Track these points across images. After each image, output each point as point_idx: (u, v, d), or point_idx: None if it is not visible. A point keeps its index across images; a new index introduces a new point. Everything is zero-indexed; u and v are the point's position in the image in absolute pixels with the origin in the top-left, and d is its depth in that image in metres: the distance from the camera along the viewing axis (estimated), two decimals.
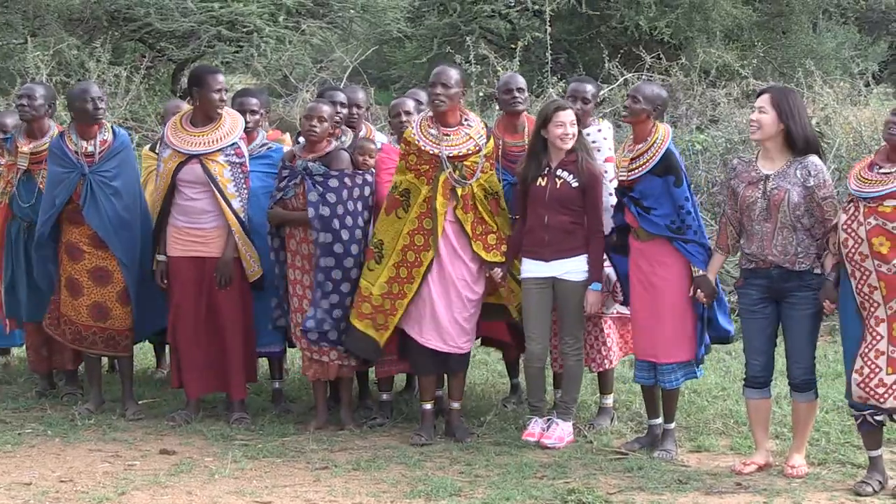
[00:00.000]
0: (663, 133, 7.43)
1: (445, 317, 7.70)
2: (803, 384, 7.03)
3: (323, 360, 7.97)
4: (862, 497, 6.60)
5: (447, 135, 7.68)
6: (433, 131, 7.71)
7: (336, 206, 7.85)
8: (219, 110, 8.05)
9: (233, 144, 8.07)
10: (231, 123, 8.12)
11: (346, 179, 7.93)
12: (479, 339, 8.62)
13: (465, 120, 7.79)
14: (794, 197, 6.83)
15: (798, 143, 6.91)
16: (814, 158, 6.91)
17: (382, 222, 7.79)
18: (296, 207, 7.93)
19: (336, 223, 7.84)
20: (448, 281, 7.70)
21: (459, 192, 7.65)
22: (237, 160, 8.09)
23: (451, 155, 7.65)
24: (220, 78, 8.11)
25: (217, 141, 8.02)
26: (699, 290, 7.29)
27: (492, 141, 7.84)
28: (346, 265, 7.88)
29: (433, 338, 7.72)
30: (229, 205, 8.02)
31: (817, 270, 6.86)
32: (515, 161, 7.95)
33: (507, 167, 7.99)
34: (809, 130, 7.00)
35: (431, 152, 7.66)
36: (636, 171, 7.36)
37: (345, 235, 7.86)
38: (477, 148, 7.71)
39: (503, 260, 7.69)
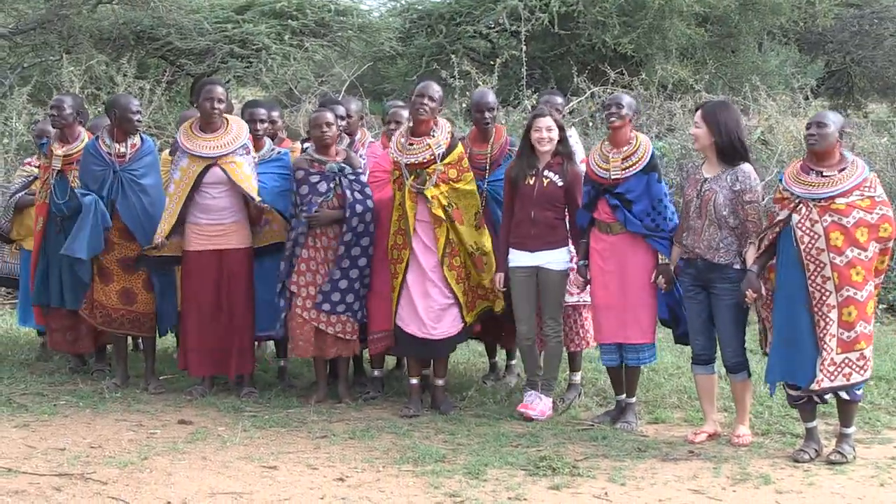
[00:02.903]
0: (645, 138, 7.46)
1: (421, 305, 7.68)
2: (734, 366, 7.08)
3: (328, 332, 7.95)
4: (800, 463, 6.63)
5: (411, 144, 7.66)
6: (402, 141, 7.71)
7: (367, 201, 7.89)
8: (212, 116, 8.04)
9: (243, 146, 8.10)
10: (238, 128, 8.15)
11: (364, 177, 7.98)
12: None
13: (433, 130, 7.74)
14: (720, 198, 6.90)
15: (726, 151, 6.97)
16: (745, 167, 6.99)
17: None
18: (334, 207, 7.91)
19: (369, 216, 7.90)
20: (423, 273, 7.68)
21: (428, 194, 7.61)
22: (248, 157, 8.13)
23: (409, 163, 7.64)
24: (215, 90, 8.08)
25: (229, 144, 8.05)
26: (661, 276, 7.29)
27: (459, 149, 7.79)
28: (370, 253, 7.96)
29: (411, 324, 7.71)
30: (252, 197, 8.04)
31: (737, 266, 6.91)
32: (480, 168, 7.98)
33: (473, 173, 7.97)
34: (736, 140, 7.01)
35: (396, 160, 7.68)
36: (629, 169, 7.34)
37: (371, 228, 7.92)
38: (433, 157, 7.65)
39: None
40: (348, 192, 7.85)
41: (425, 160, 7.65)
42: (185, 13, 18.15)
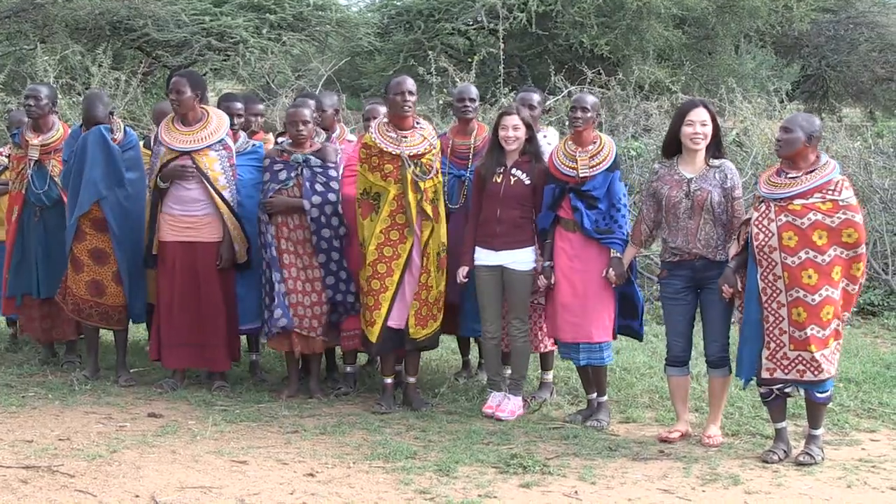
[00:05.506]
0: (608, 138, 7.49)
1: (409, 299, 7.65)
2: (719, 361, 7.07)
3: (312, 337, 7.94)
4: (769, 464, 6.63)
5: (405, 136, 7.63)
6: (392, 134, 7.64)
7: (328, 194, 7.84)
8: (175, 108, 8.04)
9: (220, 140, 8.06)
10: (217, 122, 8.12)
11: (333, 171, 7.93)
12: None
13: (417, 123, 7.74)
14: (716, 197, 6.91)
15: (721, 149, 6.99)
16: (729, 164, 7.05)
17: (361, 227, 7.69)
18: (293, 196, 7.89)
19: (329, 209, 7.84)
20: (415, 267, 7.64)
21: (422, 185, 7.59)
22: (225, 154, 8.09)
23: (411, 154, 7.60)
24: (176, 81, 8.08)
25: (206, 138, 8.02)
26: (611, 270, 7.30)
27: (438, 143, 7.80)
28: (335, 245, 7.89)
29: (399, 319, 7.63)
30: (220, 195, 8.01)
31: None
32: (463, 158, 7.99)
33: (455, 162, 8.02)
34: (720, 135, 7.12)
35: (394, 153, 7.60)
36: (596, 167, 7.34)
37: (335, 222, 7.87)
38: (431, 146, 7.67)
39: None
40: (307, 183, 7.84)
41: (423, 151, 7.63)
42: (163, 4, 18.12)
